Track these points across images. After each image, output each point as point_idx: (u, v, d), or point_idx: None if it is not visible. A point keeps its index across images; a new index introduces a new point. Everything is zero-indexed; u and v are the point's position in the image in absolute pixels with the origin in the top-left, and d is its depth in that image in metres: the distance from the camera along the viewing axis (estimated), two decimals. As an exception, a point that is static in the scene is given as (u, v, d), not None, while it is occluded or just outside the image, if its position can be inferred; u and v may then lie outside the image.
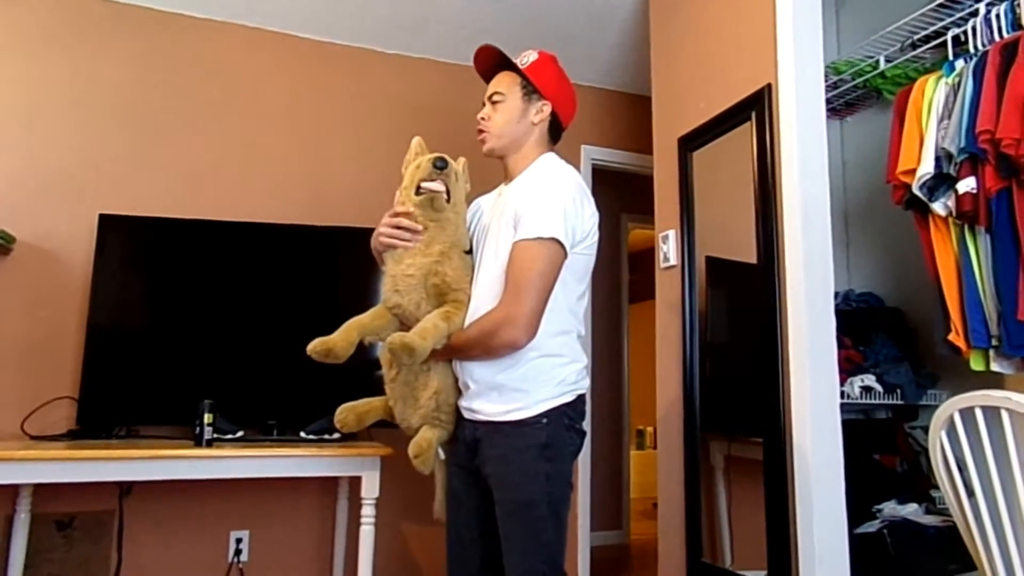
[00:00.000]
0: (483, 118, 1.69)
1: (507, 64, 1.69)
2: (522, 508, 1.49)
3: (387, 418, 1.76)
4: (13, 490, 2.40)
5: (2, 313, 2.59)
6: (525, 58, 1.69)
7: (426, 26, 3.08)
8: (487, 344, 1.52)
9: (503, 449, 1.53)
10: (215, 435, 2.28)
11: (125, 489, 2.60)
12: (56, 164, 2.72)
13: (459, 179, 1.67)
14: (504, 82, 1.68)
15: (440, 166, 1.58)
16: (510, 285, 1.51)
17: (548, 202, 1.53)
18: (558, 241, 1.50)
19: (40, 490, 2.44)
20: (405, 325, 1.58)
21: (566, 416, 1.54)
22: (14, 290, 2.61)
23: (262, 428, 2.54)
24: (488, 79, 1.73)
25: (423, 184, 1.59)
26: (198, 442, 2.23)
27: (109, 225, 2.61)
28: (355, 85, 3.20)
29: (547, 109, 1.67)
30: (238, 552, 2.73)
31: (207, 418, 2.24)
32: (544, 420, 1.51)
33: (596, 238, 1.64)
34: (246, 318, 2.65)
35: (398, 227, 1.61)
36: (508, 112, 1.66)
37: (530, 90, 1.67)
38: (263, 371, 2.60)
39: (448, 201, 1.61)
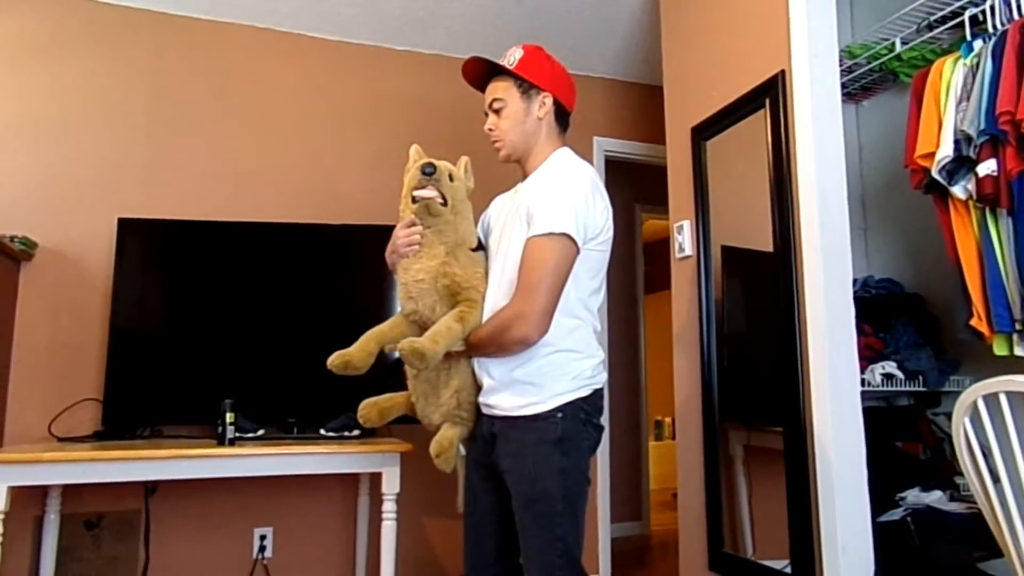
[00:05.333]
0: (491, 128, 1.69)
1: (496, 69, 1.69)
2: (537, 502, 1.50)
3: (409, 413, 1.77)
4: (42, 491, 2.46)
5: (27, 318, 2.63)
6: (511, 57, 1.68)
7: (436, 22, 3.08)
8: (500, 341, 1.53)
9: (518, 443, 1.54)
10: (237, 434, 2.31)
11: (151, 488, 2.64)
12: (74, 170, 2.76)
13: (456, 179, 1.67)
14: (500, 87, 1.68)
15: (428, 172, 1.60)
16: (521, 282, 1.52)
17: (560, 198, 1.53)
18: (569, 237, 1.50)
19: (68, 491, 2.49)
20: (424, 330, 1.59)
21: (582, 411, 1.55)
22: (38, 295, 2.65)
23: (283, 426, 2.57)
24: (482, 89, 1.73)
25: (415, 193, 1.62)
26: (221, 441, 2.26)
27: (128, 229, 2.65)
28: (367, 83, 3.20)
29: (548, 101, 1.67)
30: (262, 548, 2.76)
31: (229, 417, 2.27)
32: (559, 415, 1.52)
33: (611, 233, 1.63)
34: (265, 317, 2.68)
35: (406, 237, 1.64)
36: (513, 115, 1.66)
37: (527, 87, 1.66)
38: (282, 370, 2.63)
39: (444, 204, 1.62)
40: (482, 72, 1.71)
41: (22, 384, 2.59)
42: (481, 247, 1.72)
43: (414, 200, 1.62)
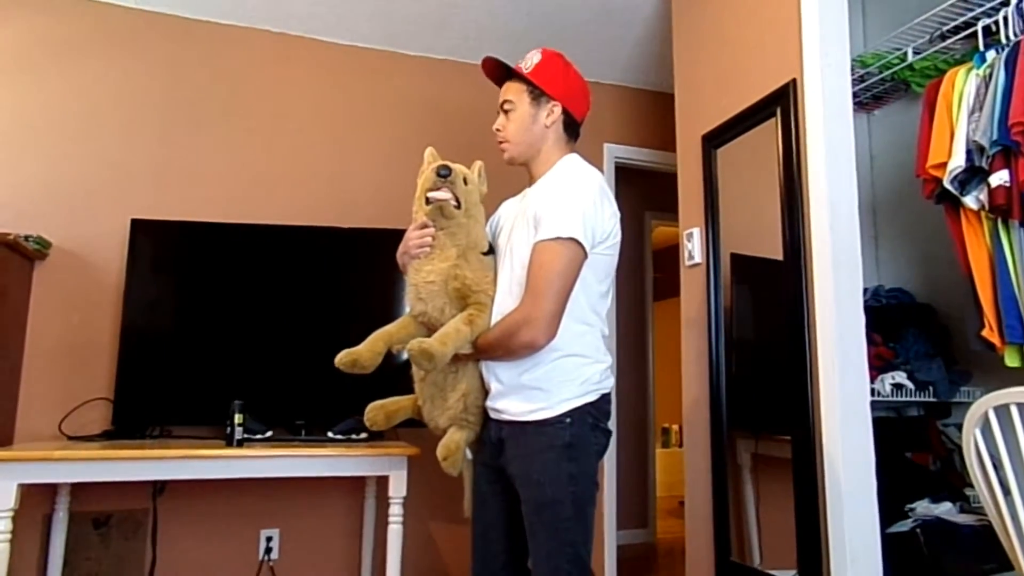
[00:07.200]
0: (498, 128, 1.71)
1: (512, 72, 1.70)
2: (547, 507, 1.49)
3: (416, 417, 1.77)
4: (52, 489, 2.47)
5: (39, 317, 2.65)
6: (529, 61, 1.69)
7: (449, 28, 3.10)
8: (508, 345, 1.53)
9: (527, 449, 1.53)
10: (245, 435, 2.32)
11: (159, 488, 2.65)
12: (88, 171, 2.79)
13: (470, 183, 1.68)
14: (512, 89, 1.69)
15: (443, 174, 1.61)
16: (529, 286, 1.52)
17: (567, 203, 1.54)
18: (577, 241, 1.50)
19: (77, 489, 2.51)
20: (432, 332, 1.59)
21: (590, 415, 1.55)
22: (50, 294, 2.68)
23: (290, 428, 2.58)
24: (500, 85, 1.75)
25: (429, 194, 1.62)
26: (229, 442, 2.27)
27: (141, 229, 2.67)
28: (379, 87, 3.22)
29: (557, 110, 1.67)
30: (268, 550, 2.77)
31: (237, 418, 2.28)
32: (568, 420, 1.52)
33: (618, 238, 1.64)
34: (274, 319, 2.69)
35: (419, 239, 1.65)
36: (519, 119, 1.67)
37: (537, 93, 1.67)
38: (291, 372, 2.64)
39: (458, 207, 1.63)
40: (499, 71, 1.73)
41: (33, 382, 2.61)
42: (492, 251, 1.72)
43: (428, 202, 1.63)
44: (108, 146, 2.83)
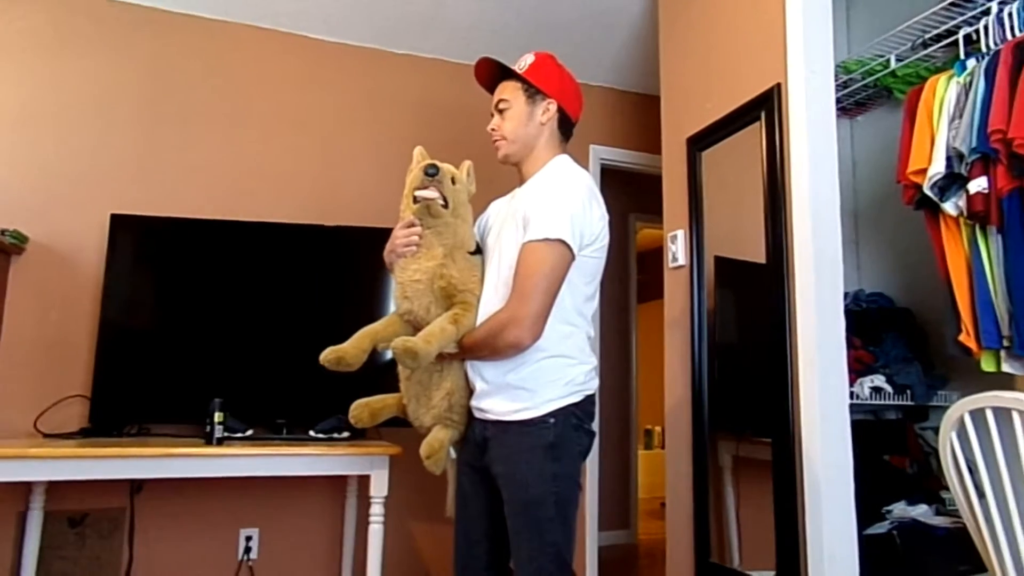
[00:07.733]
0: (493, 128, 1.71)
1: (506, 72, 1.71)
2: (529, 507, 1.50)
3: (401, 415, 1.77)
4: (26, 487, 2.43)
5: (16, 312, 2.61)
6: (523, 62, 1.71)
7: (437, 27, 3.09)
8: (493, 345, 1.54)
9: (511, 448, 1.54)
10: (225, 434, 2.30)
11: (136, 487, 2.62)
12: (69, 165, 2.75)
13: (458, 182, 1.69)
14: (508, 89, 1.70)
15: (431, 173, 1.61)
16: (516, 286, 1.52)
17: (556, 204, 1.54)
18: (565, 243, 1.51)
19: (53, 488, 2.46)
20: (418, 330, 1.59)
21: (574, 416, 1.55)
22: (27, 290, 2.63)
23: (272, 427, 2.56)
24: (491, 90, 1.76)
25: (417, 193, 1.62)
26: (208, 440, 2.25)
27: (121, 225, 2.63)
28: (366, 85, 3.21)
29: (552, 107, 1.69)
30: (248, 550, 2.75)
31: (217, 417, 2.26)
32: (552, 420, 1.52)
33: (606, 241, 1.64)
34: (256, 317, 2.67)
35: (405, 237, 1.64)
36: (516, 117, 1.68)
37: (533, 92, 1.68)
38: (273, 370, 2.62)
39: (445, 206, 1.63)
40: (492, 73, 1.74)
41: (8, 379, 2.57)
42: (479, 251, 1.72)
43: (415, 200, 1.62)
44: (90, 140, 2.79)
